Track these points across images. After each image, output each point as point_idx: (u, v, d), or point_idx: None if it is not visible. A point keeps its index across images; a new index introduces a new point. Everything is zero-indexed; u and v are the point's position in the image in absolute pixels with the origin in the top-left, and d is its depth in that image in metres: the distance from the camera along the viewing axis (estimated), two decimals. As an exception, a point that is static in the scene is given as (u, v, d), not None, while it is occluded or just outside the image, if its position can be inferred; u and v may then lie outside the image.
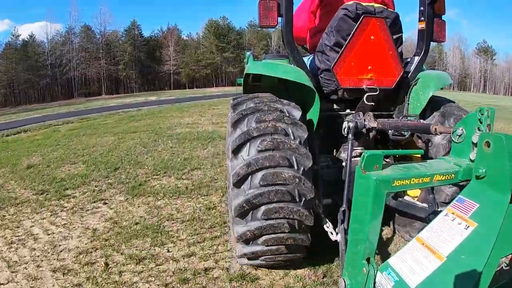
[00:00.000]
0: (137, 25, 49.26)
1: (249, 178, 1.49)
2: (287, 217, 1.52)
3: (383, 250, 2.13)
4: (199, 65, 50.15)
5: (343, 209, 1.44)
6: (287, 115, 1.64)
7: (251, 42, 53.95)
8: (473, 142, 0.97)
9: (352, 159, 1.64)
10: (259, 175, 1.48)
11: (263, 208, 1.50)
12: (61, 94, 39.11)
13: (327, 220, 1.67)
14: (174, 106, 14.26)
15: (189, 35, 57.12)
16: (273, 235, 1.55)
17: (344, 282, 0.95)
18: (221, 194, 3.14)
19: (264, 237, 1.56)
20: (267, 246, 1.59)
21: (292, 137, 1.56)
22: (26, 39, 40.54)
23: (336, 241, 1.50)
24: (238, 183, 1.50)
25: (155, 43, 51.00)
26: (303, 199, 1.54)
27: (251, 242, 1.59)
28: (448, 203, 1.60)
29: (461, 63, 59.76)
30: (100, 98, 30.86)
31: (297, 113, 1.68)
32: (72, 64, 40.15)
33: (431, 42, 1.98)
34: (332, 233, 1.58)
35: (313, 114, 1.79)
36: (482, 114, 0.97)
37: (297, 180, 1.50)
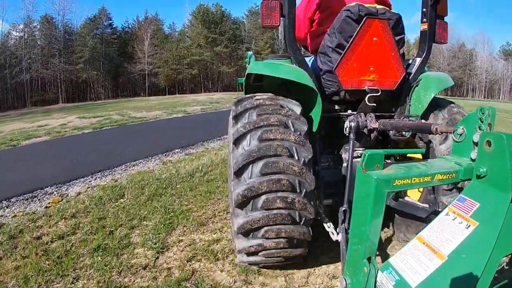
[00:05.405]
0: (106, 13, 45.23)
1: (250, 167, 1.71)
2: (287, 207, 1.73)
3: (384, 249, 2.35)
4: (183, 63, 45.54)
5: (344, 208, 1.64)
6: (288, 109, 1.89)
7: (251, 34, 49.79)
8: (474, 141, 1.13)
9: (353, 159, 1.86)
10: (260, 164, 1.71)
11: (263, 197, 1.71)
12: (14, 102, 37.20)
13: (328, 220, 1.87)
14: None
15: (172, 26, 54.50)
16: (273, 226, 1.75)
17: (345, 281, 1.10)
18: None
19: (264, 229, 1.76)
20: (267, 238, 1.78)
21: (293, 129, 1.79)
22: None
23: (337, 240, 1.68)
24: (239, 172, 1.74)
25: (129, 36, 47.07)
26: (304, 190, 1.75)
27: (250, 235, 1.79)
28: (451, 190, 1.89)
29: (490, 66, 61.83)
30: (50, 108, 26.77)
31: (298, 109, 1.94)
32: (24, 65, 37.97)
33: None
34: (333, 233, 1.77)
35: (315, 114, 2.02)
36: (483, 113, 1.14)
37: (297, 170, 1.73)
